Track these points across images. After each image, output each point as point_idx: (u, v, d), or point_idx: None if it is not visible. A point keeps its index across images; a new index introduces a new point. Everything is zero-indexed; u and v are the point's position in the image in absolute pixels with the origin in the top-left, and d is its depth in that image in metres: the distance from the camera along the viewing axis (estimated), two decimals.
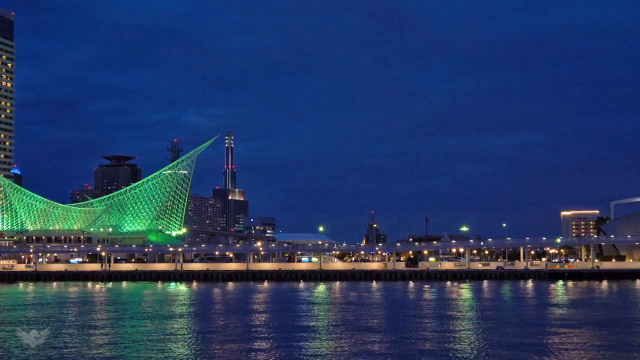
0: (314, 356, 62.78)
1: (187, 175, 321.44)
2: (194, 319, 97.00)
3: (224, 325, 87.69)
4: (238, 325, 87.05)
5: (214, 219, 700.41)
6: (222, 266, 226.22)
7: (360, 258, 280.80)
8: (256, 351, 65.90)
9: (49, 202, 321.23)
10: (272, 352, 64.90)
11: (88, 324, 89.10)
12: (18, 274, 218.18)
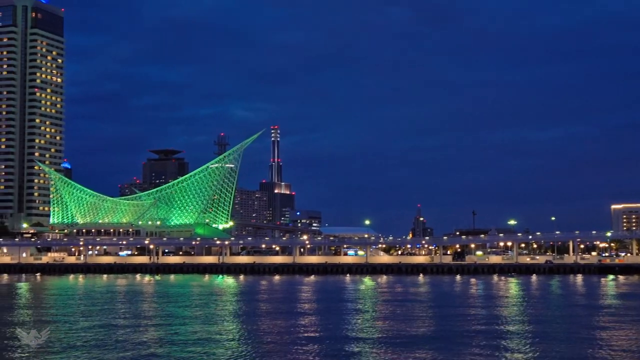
0: (362, 351, 62.54)
1: (234, 168, 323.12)
2: (241, 312, 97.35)
3: (271, 318, 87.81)
4: (285, 318, 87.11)
5: (260, 212, 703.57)
6: (268, 259, 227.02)
7: (406, 251, 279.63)
8: (303, 344, 65.82)
9: (99, 196, 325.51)
10: (319, 346, 64.77)
11: (138, 316, 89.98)
12: (68, 266, 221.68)
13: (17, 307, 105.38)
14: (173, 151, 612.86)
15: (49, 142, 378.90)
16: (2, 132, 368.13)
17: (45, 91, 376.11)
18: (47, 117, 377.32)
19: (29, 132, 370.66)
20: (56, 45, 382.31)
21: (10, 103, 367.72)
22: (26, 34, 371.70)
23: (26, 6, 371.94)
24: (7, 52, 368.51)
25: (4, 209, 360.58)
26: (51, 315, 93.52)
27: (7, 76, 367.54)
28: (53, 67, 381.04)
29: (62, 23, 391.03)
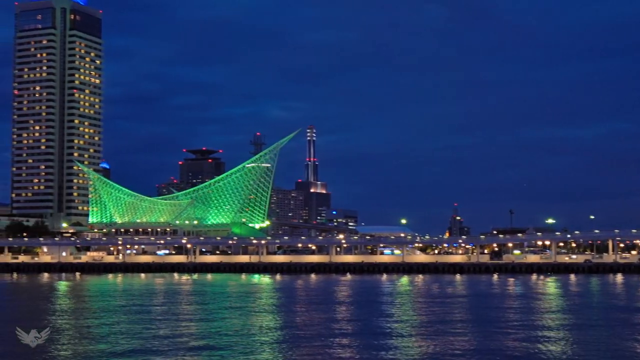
0: (399, 350, 62.43)
1: (270, 168, 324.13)
2: (278, 310, 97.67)
3: (308, 317, 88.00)
4: (322, 317, 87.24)
5: (296, 211, 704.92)
6: (305, 258, 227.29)
7: (443, 251, 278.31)
8: (340, 343, 65.86)
9: (136, 195, 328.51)
10: (356, 345, 64.80)
11: (175, 315, 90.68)
12: (107, 265, 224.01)
13: (59, 306, 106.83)
14: (209, 151, 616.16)
15: (87, 143, 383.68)
16: (42, 133, 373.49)
17: (84, 92, 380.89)
18: (86, 117, 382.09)
19: (68, 132, 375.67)
20: (94, 46, 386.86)
21: (49, 104, 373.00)
22: (65, 36, 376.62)
23: (65, 8, 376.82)
24: (46, 54, 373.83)
25: (44, 208, 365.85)
26: (91, 313, 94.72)
27: (47, 77, 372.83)
28: (91, 69, 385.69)
29: (100, 25, 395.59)
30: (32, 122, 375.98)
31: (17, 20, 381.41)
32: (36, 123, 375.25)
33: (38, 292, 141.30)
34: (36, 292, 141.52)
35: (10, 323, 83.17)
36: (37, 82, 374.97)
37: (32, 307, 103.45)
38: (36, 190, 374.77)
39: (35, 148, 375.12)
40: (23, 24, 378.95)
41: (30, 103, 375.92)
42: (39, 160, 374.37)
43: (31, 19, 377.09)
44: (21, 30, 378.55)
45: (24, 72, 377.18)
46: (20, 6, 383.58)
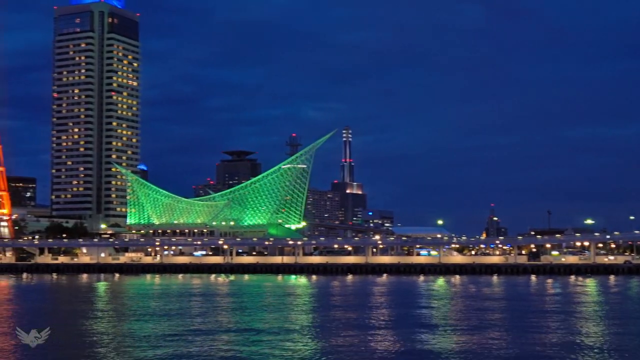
0: (436, 351, 62.21)
1: (306, 169, 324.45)
2: (315, 311, 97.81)
3: (346, 318, 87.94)
4: (359, 318, 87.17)
5: (332, 212, 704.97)
6: (341, 259, 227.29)
7: (480, 252, 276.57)
8: (376, 345, 65.80)
9: (174, 197, 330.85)
10: (392, 346, 64.68)
11: (212, 315, 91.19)
12: (145, 266, 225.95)
13: (99, 307, 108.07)
14: (246, 152, 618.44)
15: (125, 145, 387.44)
16: (81, 135, 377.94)
17: (122, 94, 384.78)
18: (124, 119, 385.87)
19: (107, 134, 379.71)
20: (132, 49, 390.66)
21: (88, 107, 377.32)
22: (103, 39, 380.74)
23: (103, 12, 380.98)
24: (85, 57, 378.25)
25: (83, 210, 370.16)
26: (131, 313, 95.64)
27: (85, 80, 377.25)
28: (129, 71, 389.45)
29: (137, 27, 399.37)
30: (71, 124, 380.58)
31: (56, 24, 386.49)
32: (75, 125, 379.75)
33: (78, 292, 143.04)
34: (76, 292, 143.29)
35: (52, 323, 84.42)
36: (75, 84, 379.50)
37: (73, 308, 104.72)
38: (75, 191, 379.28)
39: (74, 150, 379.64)
40: (62, 27, 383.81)
41: (69, 106, 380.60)
42: (78, 162, 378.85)
43: (70, 23, 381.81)
44: (60, 33, 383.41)
45: (62, 75, 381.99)
46: (59, 10, 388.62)
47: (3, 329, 77.44)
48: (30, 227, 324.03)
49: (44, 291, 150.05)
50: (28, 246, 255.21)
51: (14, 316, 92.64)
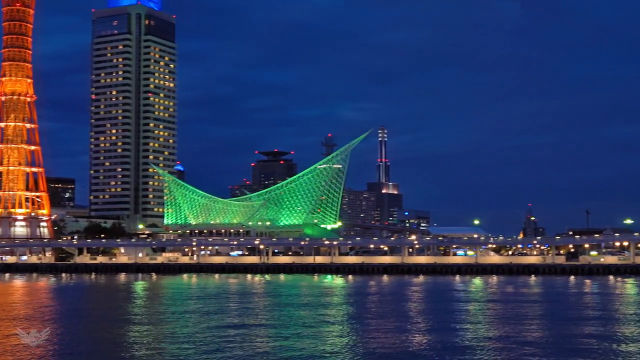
0: (471, 353, 61.89)
1: (342, 169, 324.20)
2: (351, 311, 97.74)
3: (383, 319, 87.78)
4: (397, 318, 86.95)
5: (368, 212, 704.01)
6: (377, 259, 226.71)
7: (517, 252, 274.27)
8: (413, 347, 65.60)
9: (210, 197, 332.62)
10: (429, 347, 64.44)
11: (250, 315, 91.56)
12: (182, 266, 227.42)
13: (140, 305, 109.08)
14: (281, 152, 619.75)
15: (162, 145, 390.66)
16: (119, 137, 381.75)
17: (159, 96, 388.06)
18: (161, 121, 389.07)
19: (144, 135, 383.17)
20: (168, 51, 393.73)
21: (125, 108, 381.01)
22: (140, 40, 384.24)
23: (140, 14, 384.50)
24: (122, 58, 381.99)
25: (121, 210, 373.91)
26: (169, 312, 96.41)
27: (123, 82, 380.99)
28: (166, 72, 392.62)
29: (174, 29, 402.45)
30: (108, 125, 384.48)
31: (94, 27, 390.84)
32: (113, 127, 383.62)
33: (116, 292, 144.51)
34: (114, 292, 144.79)
35: (93, 323, 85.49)
36: (113, 86, 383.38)
37: (112, 307, 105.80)
38: (113, 192, 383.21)
39: (112, 151, 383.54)
40: (100, 30, 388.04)
41: (107, 107, 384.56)
42: (115, 163, 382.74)
43: (107, 25, 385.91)
44: (98, 36, 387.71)
45: (100, 77, 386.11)
46: (97, 13, 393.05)
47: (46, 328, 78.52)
48: (69, 227, 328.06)
49: (83, 291, 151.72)
50: (67, 246, 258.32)
51: (60, 317, 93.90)
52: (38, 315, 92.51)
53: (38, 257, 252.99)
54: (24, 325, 79.49)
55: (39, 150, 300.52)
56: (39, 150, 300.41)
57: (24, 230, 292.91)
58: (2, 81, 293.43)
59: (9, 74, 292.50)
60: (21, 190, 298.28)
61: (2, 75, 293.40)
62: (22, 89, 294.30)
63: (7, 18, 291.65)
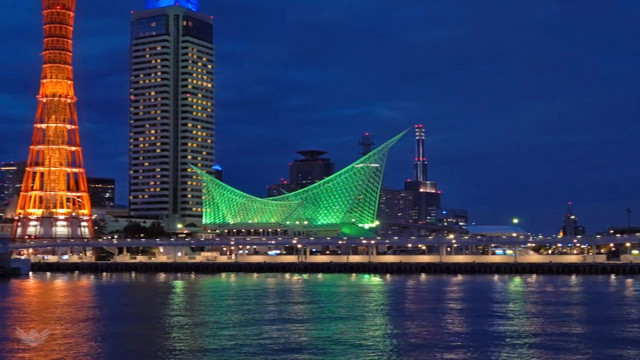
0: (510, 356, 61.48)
1: (379, 168, 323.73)
2: (390, 311, 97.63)
3: (420, 317, 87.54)
4: (434, 318, 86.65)
5: (406, 211, 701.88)
6: (415, 258, 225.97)
7: (557, 251, 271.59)
8: (449, 344, 65.36)
9: (248, 197, 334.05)
10: (467, 349, 64.16)
11: (287, 314, 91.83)
12: (221, 265, 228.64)
13: (179, 304, 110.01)
14: (319, 152, 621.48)
15: (200, 146, 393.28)
16: (158, 137, 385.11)
17: (197, 96, 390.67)
18: (199, 121, 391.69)
19: (182, 136, 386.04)
20: (206, 51, 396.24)
21: (164, 109, 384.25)
22: (178, 42, 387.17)
23: (178, 15, 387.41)
24: (160, 60, 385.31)
25: (160, 210, 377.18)
26: (209, 311, 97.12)
27: (161, 83, 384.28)
28: (204, 73, 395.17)
29: (212, 30, 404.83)
30: (147, 126, 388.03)
31: (133, 28, 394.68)
32: (151, 127, 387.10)
33: (156, 291, 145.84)
34: (154, 291, 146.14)
35: (134, 322, 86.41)
36: (152, 87, 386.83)
37: (153, 306, 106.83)
38: (152, 192, 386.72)
39: (151, 151, 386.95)
40: (138, 31, 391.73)
41: (146, 108, 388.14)
42: (154, 164, 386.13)
43: (146, 27, 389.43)
44: (137, 37, 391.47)
45: (139, 78, 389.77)
46: (136, 14, 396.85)
47: (95, 328, 79.51)
48: (109, 227, 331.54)
49: (123, 290, 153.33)
50: (107, 246, 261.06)
51: (103, 316, 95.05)
52: (84, 314, 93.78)
53: (79, 256, 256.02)
54: (79, 324, 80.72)
55: (79, 151, 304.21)
56: (80, 150, 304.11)
57: (65, 230, 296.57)
58: (43, 83, 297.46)
59: (49, 76, 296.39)
60: (62, 190, 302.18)
61: (43, 77, 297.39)
62: (63, 91, 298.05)
63: (48, 21, 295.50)
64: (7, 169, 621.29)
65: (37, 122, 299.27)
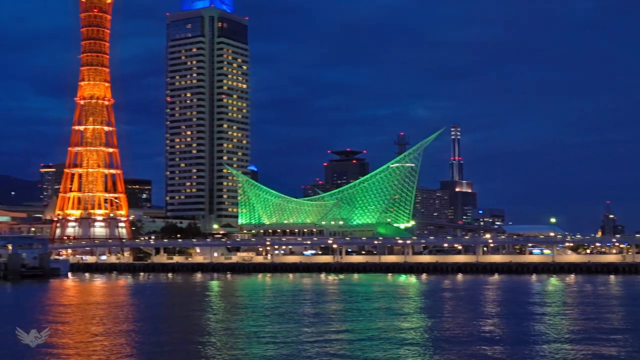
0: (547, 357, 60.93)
1: (414, 168, 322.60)
2: (426, 311, 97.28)
3: (456, 318, 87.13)
4: (470, 318, 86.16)
5: (441, 211, 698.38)
6: (451, 258, 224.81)
7: (595, 250, 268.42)
8: (485, 349, 64.94)
9: (283, 197, 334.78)
10: (502, 350, 63.71)
11: (325, 315, 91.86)
12: (256, 265, 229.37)
13: (216, 304, 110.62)
14: (354, 152, 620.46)
15: (236, 146, 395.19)
16: (193, 138, 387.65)
17: (232, 97, 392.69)
18: (234, 122, 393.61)
19: (218, 137, 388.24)
20: (241, 52, 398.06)
21: (200, 110, 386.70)
22: (213, 43, 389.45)
23: (213, 17, 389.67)
24: (196, 61, 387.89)
25: (196, 211, 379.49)
26: (246, 311, 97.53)
27: (197, 84, 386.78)
28: (239, 74, 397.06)
29: (246, 31, 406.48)
30: (183, 127, 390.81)
31: (169, 30, 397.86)
32: (187, 128, 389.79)
33: (193, 291, 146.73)
34: (191, 291, 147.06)
35: (173, 322, 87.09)
36: (187, 88, 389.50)
37: (190, 306, 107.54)
38: (188, 193, 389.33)
39: (187, 152, 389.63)
40: (174, 33, 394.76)
41: (182, 109, 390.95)
42: (190, 164, 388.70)
43: (182, 29, 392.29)
44: (172, 39, 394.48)
45: (175, 79, 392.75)
46: (172, 17, 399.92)
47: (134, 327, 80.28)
48: (146, 227, 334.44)
49: (161, 290, 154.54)
50: (144, 246, 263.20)
51: (141, 316, 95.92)
52: (125, 314, 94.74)
53: (117, 256, 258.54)
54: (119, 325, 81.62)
55: (117, 153, 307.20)
56: (117, 152, 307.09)
57: (103, 230, 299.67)
58: (81, 86, 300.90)
59: (87, 78, 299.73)
60: (100, 191, 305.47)
61: (81, 79, 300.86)
62: (100, 93, 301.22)
63: (85, 24, 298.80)
64: (46, 170, 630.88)
65: (75, 124, 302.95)
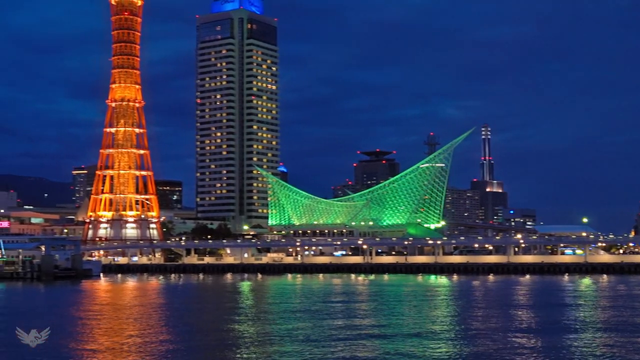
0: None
1: (444, 168, 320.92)
2: (457, 312, 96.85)
3: (488, 319, 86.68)
4: (501, 319, 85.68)
5: (472, 211, 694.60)
6: (482, 259, 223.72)
7: (628, 250, 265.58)
8: (519, 351, 64.55)
9: (313, 198, 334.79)
10: (537, 352, 63.29)
11: (357, 315, 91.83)
12: (287, 266, 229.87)
13: (247, 304, 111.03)
14: (383, 152, 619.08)
15: (265, 147, 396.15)
16: (223, 139, 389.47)
17: (262, 98, 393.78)
18: (264, 123, 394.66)
19: (248, 138, 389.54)
20: (270, 54, 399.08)
21: (230, 111, 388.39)
22: (243, 44, 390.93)
23: (242, 18, 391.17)
24: (226, 62, 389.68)
25: (227, 212, 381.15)
26: (277, 311, 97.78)
27: (227, 86, 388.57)
28: (268, 75, 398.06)
29: (276, 32, 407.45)
30: (213, 129, 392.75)
31: (199, 32, 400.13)
32: (217, 130, 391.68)
33: (224, 292, 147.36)
34: (222, 292, 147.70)
35: (204, 322, 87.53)
36: (217, 90, 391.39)
37: (221, 306, 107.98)
38: (219, 194, 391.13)
39: (217, 154, 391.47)
40: (204, 35, 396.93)
41: (212, 111, 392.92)
42: (220, 166, 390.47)
43: (211, 30, 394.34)
44: (202, 41, 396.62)
45: (205, 81, 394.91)
46: (201, 19, 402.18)
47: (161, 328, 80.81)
48: (177, 229, 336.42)
49: (192, 290, 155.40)
50: (175, 247, 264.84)
51: (172, 315, 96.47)
52: (157, 314, 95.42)
53: (148, 257, 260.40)
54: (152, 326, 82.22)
55: (147, 154, 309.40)
56: (148, 154, 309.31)
57: (134, 231, 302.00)
58: (112, 88, 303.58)
59: (118, 80, 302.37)
60: (131, 193, 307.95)
61: (112, 82, 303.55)
62: (131, 95, 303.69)
63: (116, 27, 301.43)
64: (78, 172, 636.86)
65: (107, 127, 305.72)
